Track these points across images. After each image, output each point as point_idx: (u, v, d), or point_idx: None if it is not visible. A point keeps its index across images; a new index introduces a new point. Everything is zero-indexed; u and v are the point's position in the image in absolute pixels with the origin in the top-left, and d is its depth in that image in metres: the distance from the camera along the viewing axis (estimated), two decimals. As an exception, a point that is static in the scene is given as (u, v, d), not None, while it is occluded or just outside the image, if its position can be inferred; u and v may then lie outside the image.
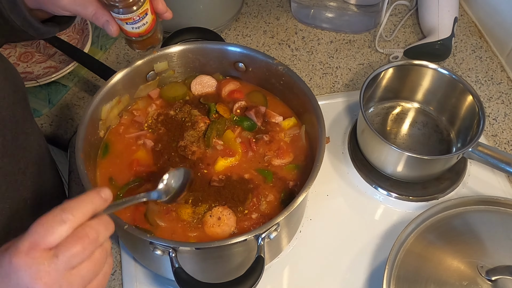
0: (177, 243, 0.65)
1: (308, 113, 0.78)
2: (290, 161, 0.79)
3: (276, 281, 0.78)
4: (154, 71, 0.83)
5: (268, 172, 0.77)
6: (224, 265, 0.71)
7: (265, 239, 0.65)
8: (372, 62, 1.06)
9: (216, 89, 0.86)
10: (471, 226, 0.77)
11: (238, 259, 0.69)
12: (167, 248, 0.63)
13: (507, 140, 0.95)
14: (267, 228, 0.64)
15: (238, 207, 0.73)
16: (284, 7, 1.16)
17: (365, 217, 0.84)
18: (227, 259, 0.69)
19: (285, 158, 0.78)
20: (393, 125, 0.94)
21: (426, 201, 0.85)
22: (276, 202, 0.74)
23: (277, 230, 0.66)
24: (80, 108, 0.97)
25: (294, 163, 0.79)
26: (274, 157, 0.78)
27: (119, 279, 0.77)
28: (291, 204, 0.66)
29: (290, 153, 0.79)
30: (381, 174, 0.88)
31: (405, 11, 1.16)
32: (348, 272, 0.78)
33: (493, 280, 0.69)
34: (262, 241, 0.64)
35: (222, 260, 0.70)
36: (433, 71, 0.89)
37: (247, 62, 0.83)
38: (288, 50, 1.08)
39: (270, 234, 0.65)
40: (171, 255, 0.63)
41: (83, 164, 0.69)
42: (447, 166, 0.84)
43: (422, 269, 0.71)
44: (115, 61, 1.04)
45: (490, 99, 1.01)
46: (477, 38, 1.11)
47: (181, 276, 0.62)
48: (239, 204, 0.73)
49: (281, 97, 0.85)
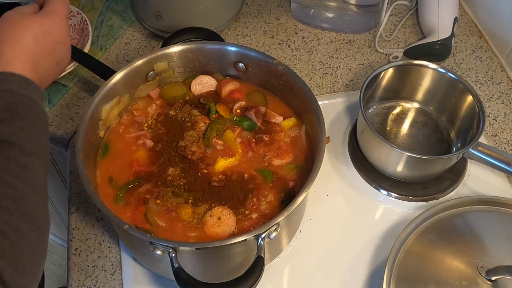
0: (177, 243, 0.65)
1: (308, 113, 0.78)
2: (290, 161, 0.79)
3: (276, 281, 0.78)
4: (154, 71, 0.83)
5: (268, 172, 0.77)
6: (224, 265, 0.71)
7: (265, 239, 0.65)
8: (372, 62, 1.06)
9: (216, 89, 0.86)
10: (471, 226, 0.77)
11: (238, 259, 0.69)
12: (167, 248, 0.63)
13: (507, 140, 0.95)
14: (267, 228, 0.64)
15: (238, 207, 0.73)
16: (284, 7, 1.16)
17: (365, 217, 0.84)
18: (227, 259, 0.69)
19: (285, 158, 0.78)
20: (393, 125, 0.94)
21: (426, 201, 0.85)
22: (276, 202, 0.74)
23: (277, 230, 0.66)
24: (80, 108, 0.97)
25: (294, 163, 0.79)
26: (274, 157, 0.78)
27: (119, 279, 0.77)
28: (291, 204, 0.66)
29: (290, 153, 0.79)
30: (381, 174, 0.88)
31: (405, 11, 1.16)
32: (348, 272, 0.78)
33: (493, 280, 0.69)
34: (262, 241, 0.64)
35: (222, 260, 0.70)
36: (433, 71, 0.89)
37: (247, 62, 0.83)
38: (288, 50, 1.08)
39: (270, 234, 0.65)
40: (171, 255, 0.63)
41: (83, 164, 0.70)
42: (447, 166, 0.84)
43: (422, 269, 0.71)
44: (115, 61, 1.04)
45: (490, 99, 1.01)
46: (477, 38, 1.11)
47: (181, 276, 0.62)
48: (239, 204, 0.73)
49: (281, 97, 0.85)
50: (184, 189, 0.74)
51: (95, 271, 0.79)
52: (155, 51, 0.80)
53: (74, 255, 0.80)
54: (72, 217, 0.84)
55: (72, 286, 0.77)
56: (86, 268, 0.79)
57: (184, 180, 0.75)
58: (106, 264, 0.79)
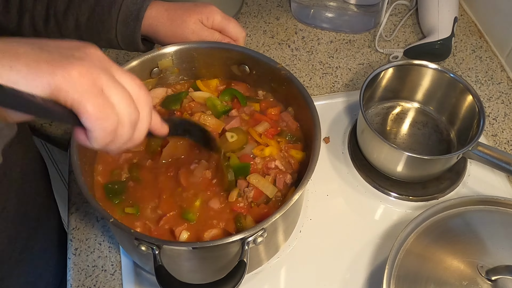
0: (161, 241, 0.64)
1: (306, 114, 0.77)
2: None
3: (275, 281, 0.78)
4: (159, 68, 0.82)
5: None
6: (208, 266, 0.70)
7: (250, 243, 0.63)
8: (372, 62, 1.06)
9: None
10: (471, 226, 0.77)
11: (222, 262, 0.68)
12: (150, 245, 0.62)
13: (507, 140, 0.95)
14: (254, 232, 0.63)
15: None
16: (284, 7, 1.16)
17: (365, 217, 0.84)
18: (212, 261, 0.68)
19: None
20: (393, 125, 0.94)
21: (426, 201, 0.85)
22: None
23: (263, 236, 0.64)
24: (80, 108, 0.97)
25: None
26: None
27: (119, 279, 0.77)
28: (281, 209, 0.64)
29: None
30: (381, 174, 0.88)
31: (405, 11, 1.16)
32: (348, 272, 0.78)
33: (493, 280, 0.69)
34: (247, 245, 0.63)
35: (207, 262, 0.69)
36: (433, 71, 0.89)
37: (250, 65, 0.83)
38: (288, 50, 1.08)
39: (256, 239, 0.63)
40: (154, 252, 0.62)
41: (77, 154, 0.68)
42: (447, 166, 0.84)
43: (422, 269, 0.71)
44: (115, 60, 1.04)
45: (490, 99, 1.01)
46: (477, 38, 1.11)
47: (162, 274, 0.61)
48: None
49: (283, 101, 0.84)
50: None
51: (95, 271, 0.79)
52: (160, 48, 0.80)
53: (74, 255, 0.80)
54: (72, 217, 0.84)
55: (72, 286, 0.77)
56: (86, 268, 0.79)
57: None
58: (106, 264, 0.79)
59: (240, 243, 0.63)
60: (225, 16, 0.80)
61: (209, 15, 0.79)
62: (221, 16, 0.80)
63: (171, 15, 0.77)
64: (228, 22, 0.80)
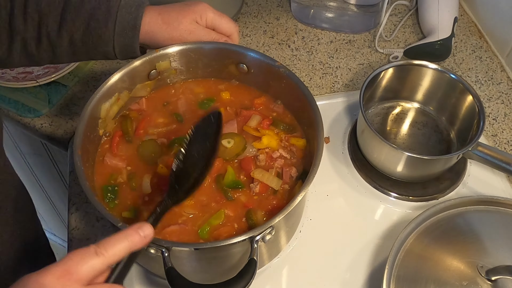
0: (170, 242, 0.64)
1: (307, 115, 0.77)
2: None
3: (275, 281, 0.78)
4: (156, 70, 0.82)
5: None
6: (218, 266, 0.70)
7: (259, 242, 0.64)
8: (372, 62, 1.06)
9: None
10: (471, 226, 0.77)
11: (232, 261, 0.68)
12: (160, 247, 0.62)
13: (507, 140, 0.95)
14: (262, 230, 0.63)
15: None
16: (284, 7, 1.16)
17: (365, 217, 0.84)
18: (221, 261, 0.69)
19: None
20: (393, 125, 0.94)
21: (426, 201, 0.85)
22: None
23: (271, 233, 0.65)
24: (80, 109, 0.97)
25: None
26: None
27: (119, 279, 0.77)
28: (287, 207, 0.65)
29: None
30: (381, 174, 0.88)
31: (405, 11, 1.16)
32: (348, 272, 0.78)
33: (493, 280, 0.69)
34: (256, 244, 0.63)
35: (216, 262, 0.69)
36: (433, 71, 0.89)
37: (249, 64, 0.83)
38: (288, 50, 1.08)
39: (265, 237, 0.64)
40: (164, 255, 0.62)
41: (80, 160, 0.68)
42: (447, 166, 0.84)
43: (422, 269, 0.71)
44: (115, 60, 1.04)
45: (490, 99, 1.01)
46: (477, 38, 1.11)
47: (173, 276, 0.61)
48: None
49: (282, 100, 0.84)
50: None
51: (95, 271, 0.78)
52: (157, 50, 0.80)
53: (74, 255, 0.80)
54: (72, 217, 0.84)
55: (72, 286, 0.77)
56: (86, 268, 0.79)
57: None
58: (106, 264, 0.79)
59: (249, 241, 0.63)
60: (217, 12, 0.80)
61: (202, 13, 0.79)
62: (213, 12, 0.79)
63: (165, 19, 0.77)
64: (220, 19, 0.80)
